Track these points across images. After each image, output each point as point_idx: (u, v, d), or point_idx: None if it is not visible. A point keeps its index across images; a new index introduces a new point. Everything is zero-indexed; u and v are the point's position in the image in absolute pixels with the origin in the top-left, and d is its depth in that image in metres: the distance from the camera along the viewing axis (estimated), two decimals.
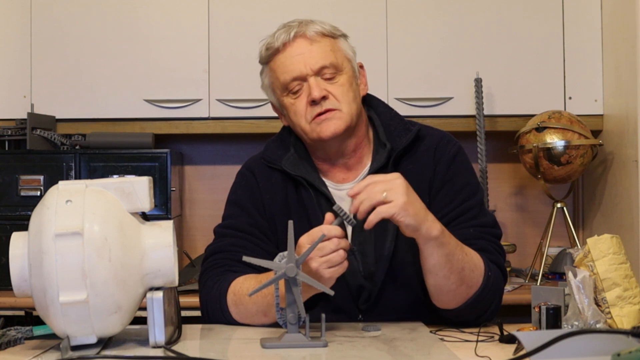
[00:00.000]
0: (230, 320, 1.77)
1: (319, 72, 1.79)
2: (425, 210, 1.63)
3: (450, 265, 1.65)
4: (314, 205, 1.81)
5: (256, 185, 1.89)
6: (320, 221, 1.74)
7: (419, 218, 1.59)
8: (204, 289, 1.82)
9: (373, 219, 1.56)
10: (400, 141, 1.84)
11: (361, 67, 1.90)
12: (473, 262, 1.69)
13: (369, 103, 1.92)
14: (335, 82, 1.80)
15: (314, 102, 1.78)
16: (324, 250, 1.56)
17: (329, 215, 1.61)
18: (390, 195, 1.56)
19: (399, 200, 1.56)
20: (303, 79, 1.80)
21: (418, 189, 1.82)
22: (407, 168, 1.84)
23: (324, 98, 1.78)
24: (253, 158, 1.95)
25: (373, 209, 1.57)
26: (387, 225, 1.78)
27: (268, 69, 1.86)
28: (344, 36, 1.87)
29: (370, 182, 1.59)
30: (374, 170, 1.83)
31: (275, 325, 1.68)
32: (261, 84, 1.91)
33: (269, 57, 1.85)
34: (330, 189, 1.85)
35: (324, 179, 1.87)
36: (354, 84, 1.84)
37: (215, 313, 1.78)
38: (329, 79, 1.80)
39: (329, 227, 1.58)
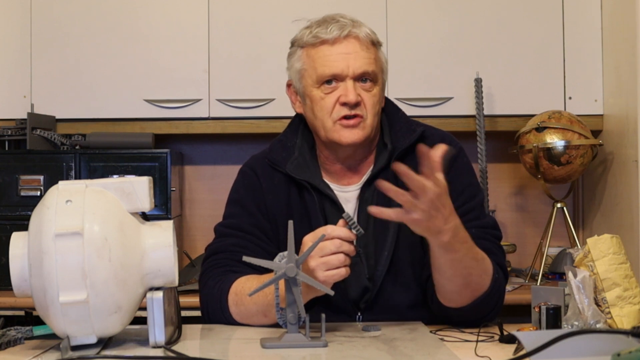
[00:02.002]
0: (230, 320, 1.77)
1: (358, 77, 1.79)
2: (444, 221, 1.55)
3: (454, 270, 1.64)
4: (317, 208, 1.81)
5: (259, 185, 1.88)
6: (322, 224, 1.74)
7: (430, 232, 1.56)
8: (204, 289, 1.82)
9: (388, 214, 1.51)
10: (403, 141, 1.83)
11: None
12: (482, 268, 1.68)
13: None
14: (370, 91, 1.80)
15: (345, 104, 1.78)
16: (323, 251, 1.56)
17: (342, 222, 1.60)
18: (417, 205, 1.50)
19: (418, 215, 1.51)
20: (341, 78, 1.79)
21: None
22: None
23: (357, 104, 1.78)
24: (256, 157, 1.95)
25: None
26: (387, 225, 1.79)
27: (304, 54, 1.83)
28: (381, 45, 1.88)
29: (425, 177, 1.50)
30: (376, 171, 1.83)
31: (275, 325, 1.68)
32: (288, 66, 1.88)
33: (312, 44, 1.82)
34: (335, 191, 1.85)
35: (328, 182, 1.87)
36: (382, 96, 1.85)
37: (216, 313, 1.78)
38: (364, 86, 1.80)
39: (332, 227, 1.57)
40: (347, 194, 1.86)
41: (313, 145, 1.91)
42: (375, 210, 1.52)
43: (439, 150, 1.50)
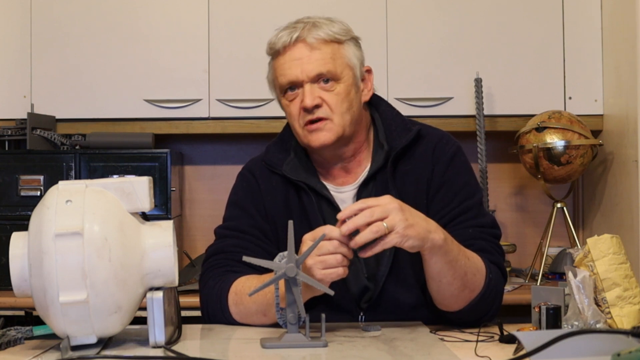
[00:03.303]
0: (230, 320, 1.77)
1: (315, 79, 1.78)
2: (426, 222, 1.59)
3: (453, 272, 1.65)
4: (315, 209, 1.81)
5: (257, 188, 1.89)
6: (321, 225, 1.74)
7: (422, 236, 1.57)
8: (204, 289, 1.82)
9: (377, 250, 1.54)
10: (400, 141, 1.83)
11: (368, 71, 1.88)
12: (475, 266, 1.69)
13: (372, 102, 1.91)
14: (332, 91, 1.79)
15: (306, 109, 1.78)
16: (321, 250, 1.56)
17: (340, 223, 1.61)
18: (390, 224, 1.53)
19: (399, 227, 1.53)
20: (299, 84, 1.79)
21: (416, 189, 1.82)
22: (406, 168, 1.84)
23: (317, 106, 1.78)
24: (254, 160, 1.95)
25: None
26: None
27: (271, 65, 1.87)
28: (354, 39, 1.84)
29: (363, 206, 1.54)
30: (372, 172, 1.83)
31: (275, 325, 1.68)
32: (267, 75, 1.91)
33: (271, 55, 1.85)
34: (331, 192, 1.85)
35: (324, 182, 1.87)
36: (352, 92, 1.81)
37: (216, 313, 1.78)
38: (325, 87, 1.79)
39: (331, 227, 1.58)
40: (343, 194, 1.86)
41: None
42: (368, 254, 1.55)
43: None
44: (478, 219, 1.80)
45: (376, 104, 1.92)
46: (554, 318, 1.52)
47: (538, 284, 2.83)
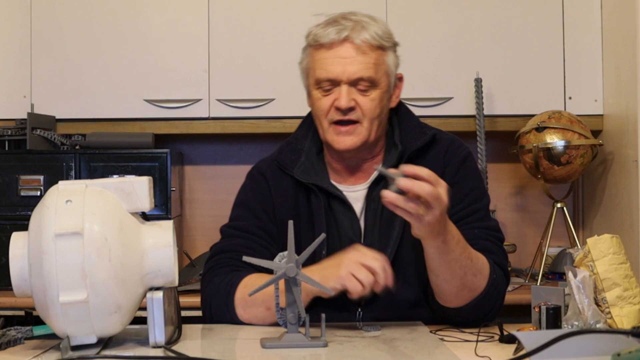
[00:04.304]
0: (233, 317, 1.76)
1: (354, 82, 1.79)
2: (444, 224, 1.59)
3: (451, 272, 1.66)
4: (321, 211, 1.82)
5: (267, 190, 1.89)
6: (324, 226, 1.76)
7: (433, 235, 1.59)
8: (209, 285, 1.81)
9: (397, 212, 1.54)
10: (415, 143, 1.84)
11: (400, 79, 1.89)
12: (477, 267, 1.69)
13: None
14: (367, 96, 1.80)
15: (339, 109, 1.78)
16: (364, 259, 1.60)
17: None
18: (426, 212, 1.52)
19: (425, 220, 1.54)
20: (337, 83, 1.79)
21: None
22: None
23: (351, 108, 1.79)
24: (265, 160, 1.95)
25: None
26: (392, 223, 1.79)
27: (309, 53, 1.85)
28: (394, 46, 1.86)
29: (431, 180, 1.51)
30: None
31: (275, 325, 1.68)
32: (300, 61, 1.89)
33: (313, 46, 1.83)
34: (343, 192, 1.85)
35: (335, 183, 1.87)
36: (385, 99, 1.83)
37: (220, 309, 1.77)
38: (362, 91, 1.79)
39: (385, 259, 1.62)
40: (355, 194, 1.86)
41: (321, 146, 1.91)
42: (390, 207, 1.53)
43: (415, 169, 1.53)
44: (484, 222, 1.81)
45: (396, 107, 1.92)
46: (554, 318, 1.53)
47: (538, 284, 2.83)
